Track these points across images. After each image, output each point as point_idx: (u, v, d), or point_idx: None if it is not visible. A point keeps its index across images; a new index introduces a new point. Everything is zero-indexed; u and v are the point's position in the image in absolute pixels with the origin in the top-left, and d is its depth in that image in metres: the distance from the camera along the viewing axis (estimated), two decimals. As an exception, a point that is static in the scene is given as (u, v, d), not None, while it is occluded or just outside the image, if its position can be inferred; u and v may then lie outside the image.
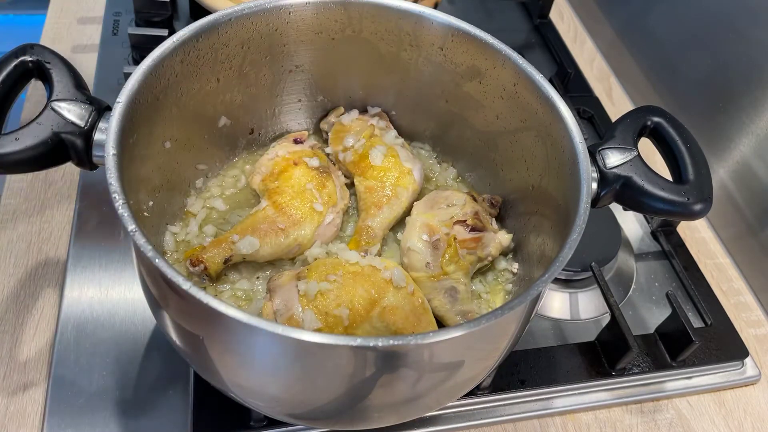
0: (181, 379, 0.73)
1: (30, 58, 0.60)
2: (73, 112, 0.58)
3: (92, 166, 0.60)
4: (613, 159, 0.64)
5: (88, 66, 1.07)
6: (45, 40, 1.12)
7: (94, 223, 0.85)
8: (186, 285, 0.47)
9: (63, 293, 0.78)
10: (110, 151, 0.55)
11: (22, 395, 0.72)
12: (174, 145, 0.69)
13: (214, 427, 0.69)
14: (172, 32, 1.11)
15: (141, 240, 0.50)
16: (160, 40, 1.04)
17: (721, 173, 1.01)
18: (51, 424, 0.69)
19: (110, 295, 0.79)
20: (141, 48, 1.07)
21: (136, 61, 1.06)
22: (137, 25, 1.13)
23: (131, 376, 0.73)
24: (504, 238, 0.75)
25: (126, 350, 0.75)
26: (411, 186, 0.78)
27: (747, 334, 0.89)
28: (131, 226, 0.51)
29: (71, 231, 0.84)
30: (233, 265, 0.71)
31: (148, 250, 0.49)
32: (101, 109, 0.59)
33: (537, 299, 0.55)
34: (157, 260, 0.49)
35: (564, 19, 1.37)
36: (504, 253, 0.77)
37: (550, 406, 0.78)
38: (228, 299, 0.69)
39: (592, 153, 0.64)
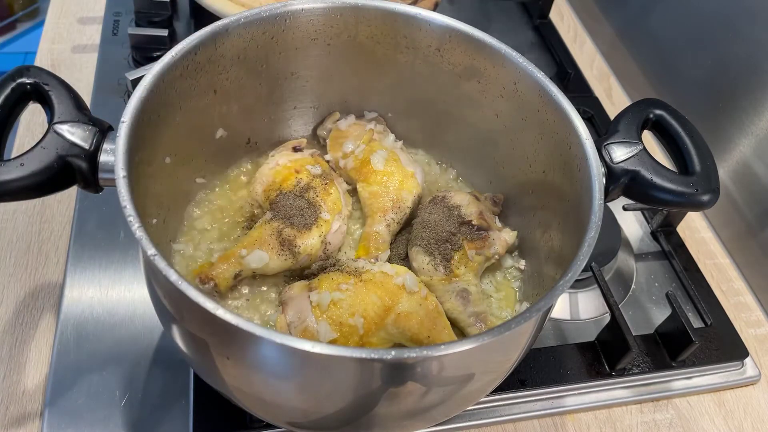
0: (182, 379, 0.73)
1: (28, 81, 0.59)
2: (76, 135, 0.57)
3: (98, 189, 0.59)
4: (619, 153, 0.64)
5: (88, 66, 1.07)
6: (45, 40, 1.12)
7: (94, 223, 0.85)
8: (216, 309, 0.47)
9: (63, 293, 0.78)
10: (120, 173, 0.54)
11: (21, 395, 0.72)
12: (173, 160, 0.68)
13: (214, 427, 0.70)
14: (172, 32, 1.12)
15: (162, 264, 0.49)
16: (160, 40, 1.06)
17: (721, 173, 1.01)
18: (50, 423, 0.69)
19: (110, 295, 0.79)
20: (141, 48, 1.07)
21: (136, 62, 1.07)
22: (137, 25, 1.13)
23: (131, 375, 0.73)
24: (509, 235, 0.75)
25: (126, 350, 0.75)
26: (415, 189, 0.78)
27: (747, 334, 0.89)
28: (151, 251, 0.50)
29: (71, 231, 0.85)
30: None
31: (172, 274, 0.48)
32: (104, 130, 0.58)
33: (554, 304, 0.55)
34: (181, 284, 0.48)
35: (564, 19, 1.37)
36: (509, 251, 0.77)
37: (550, 406, 0.78)
38: (239, 312, 0.69)
39: (598, 148, 0.64)
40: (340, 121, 0.83)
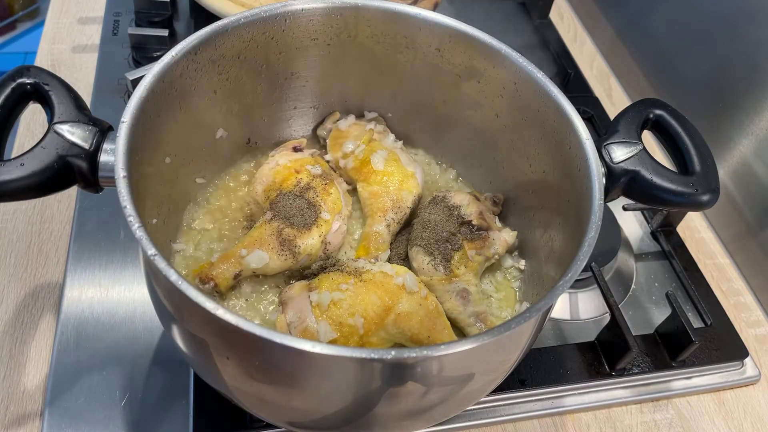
0: (182, 379, 0.73)
1: (28, 81, 0.59)
2: (76, 135, 0.57)
3: (98, 189, 0.59)
4: (619, 153, 0.64)
5: (88, 66, 1.07)
6: (45, 41, 1.12)
7: (94, 223, 0.85)
8: (216, 309, 0.47)
9: (63, 293, 0.78)
10: (120, 173, 0.54)
11: (21, 395, 0.72)
12: (174, 161, 0.68)
13: (214, 426, 0.70)
14: (172, 32, 1.12)
15: (162, 264, 0.49)
16: (160, 40, 1.06)
17: (721, 173, 1.01)
18: (50, 423, 0.69)
19: (110, 295, 0.79)
20: (141, 48, 1.07)
21: (136, 62, 1.07)
22: (137, 25, 1.13)
23: (131, 375, 0.73)
24: (509, 235, 0.75)
25: (126, 350, 0.75)
26: (415, 189, 0.78)
27: (747, 334, 0.89)
28: (151, 251, 0.50)
29: (71, 231, 0.85)
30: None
31: (172, 274, 0.48)
32: (104, 130, 0.58)
33: (554, 304, 0.55)
34: (181, 284, 0.48)
35: (564, 19, 1.37)
36: (509, 251, 0.77)
37: (550, 406, 0.78)
38: (239, 312, 0.69)
39: (598, 148, 0.64)
40: (340, 121, 0.83)
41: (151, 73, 0.61)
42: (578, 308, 0.86)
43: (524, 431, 0.77)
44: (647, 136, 0.69)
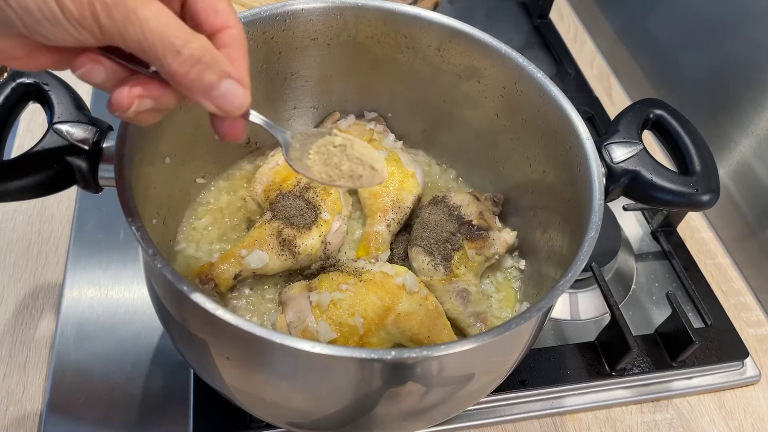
0: (182, 379, 0.73)
1: (28, 81, 0.59)
2: (76, 135, 0.57)
3: (98, 189, 0.59)
4: (619, 153, 0.65)
5: (88, 66, 1.07)
6: (45, 41, 1.12)
7: (94, 223, 0.85)
8: (216, 309, 0.47)
9: (63, 293, 0.78)
10: (119, 173, 0.54)
11: (21, 395, 0.72)
12: (174, 161, 0.68)
13: (214, 426, 0.70)
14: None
15: (162, 264, 0.49)
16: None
17: (721, 173, 1.01)
18: (50, 423, 0.69)
19: (110, 295, 0.79)
20: (141, 48, 1.07)
21: (136, 62, 1.06)
22: (137, 25, 1.13)
23: (131, 375, 0.73)
24: (509, 235, 0.75)
25: (126, 350, 0.75)
26: (415, 189, 0.78)
27: (747, 334, 0.89)
28: (151, 251, 0.50)
29: (71, 231, 0.85)
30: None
31: (171, 274, 0.48)
32: (104, 130, 0.58)
33: (554, 304, 0.55)
34: (181, 284, 0.48)
35: (564, 19, 1.37)
36: (509, 251, 0.77)
37: (550, 407, 0.78)
38: (239, 312, 0.69)
39: (598, 148, 0.64)
40: (340, 121, 0.83)
41: (151, 73, 0.61)
42: (578, 308, 0.86)
43: (524, 431, 0.77)
44: (647, 136, 0.69)
